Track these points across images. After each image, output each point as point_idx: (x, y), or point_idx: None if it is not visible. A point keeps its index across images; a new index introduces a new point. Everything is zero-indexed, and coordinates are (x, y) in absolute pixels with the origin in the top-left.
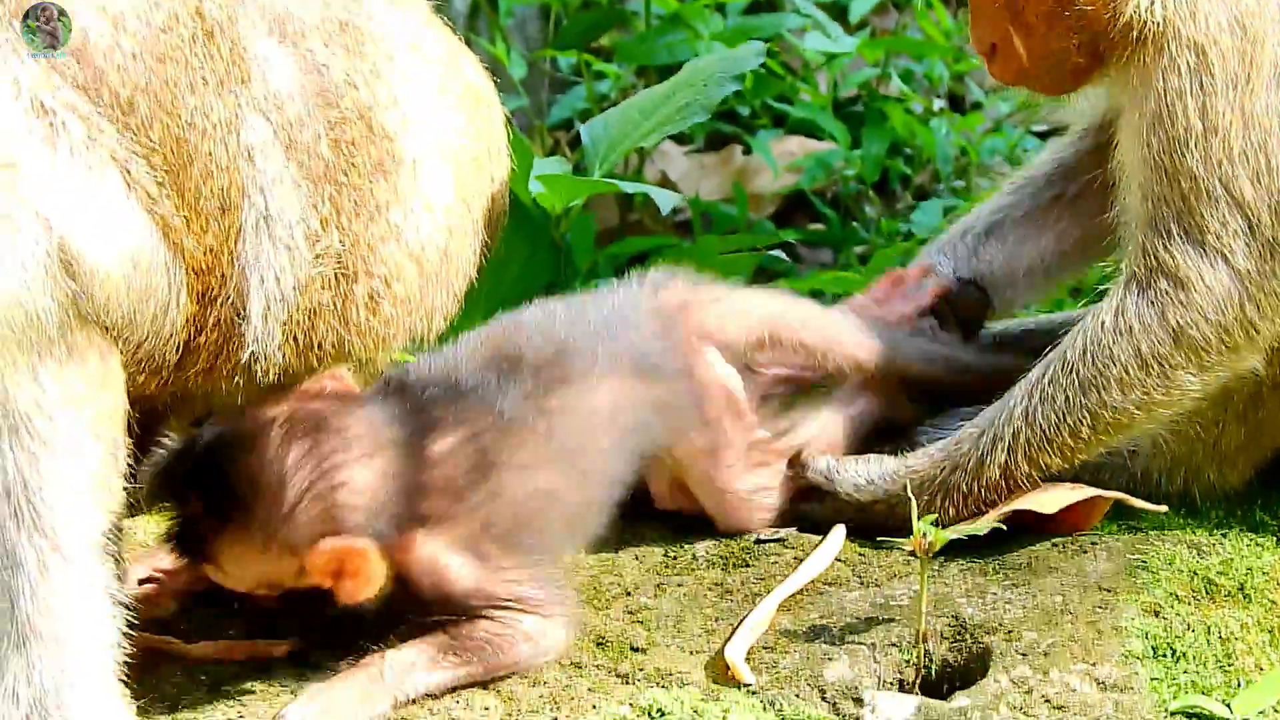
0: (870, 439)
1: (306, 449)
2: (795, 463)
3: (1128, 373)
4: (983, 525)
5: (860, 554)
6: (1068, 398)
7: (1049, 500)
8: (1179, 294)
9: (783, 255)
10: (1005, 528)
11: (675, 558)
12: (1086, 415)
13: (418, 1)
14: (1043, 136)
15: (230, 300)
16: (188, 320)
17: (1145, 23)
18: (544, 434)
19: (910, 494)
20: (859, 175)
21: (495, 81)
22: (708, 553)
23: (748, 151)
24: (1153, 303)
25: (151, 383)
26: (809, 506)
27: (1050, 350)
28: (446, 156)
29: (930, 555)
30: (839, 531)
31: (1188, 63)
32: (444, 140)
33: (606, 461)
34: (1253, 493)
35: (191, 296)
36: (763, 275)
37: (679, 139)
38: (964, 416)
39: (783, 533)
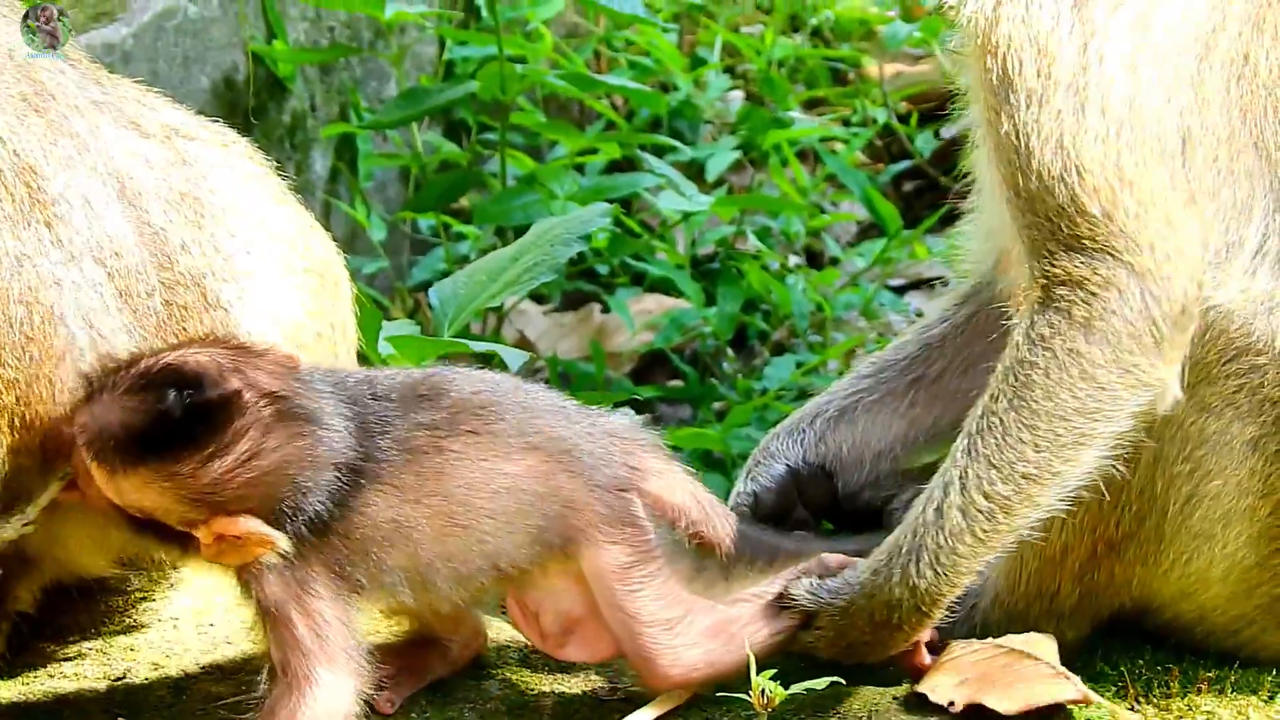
0: None
1: (285, 437)
2: (783, 598)
3: (1050, 375)
4: (822, 681)
5: (704, 711)
6: (1001, 420)
7: (1015, 697)
8: (1078, 293)
9: (632, 412)
10: (844, 681)
11: (521, 714)
12: (1026, 431)
13: (271, 181)
14: (899, 291)
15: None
16: (12, 450)
17: (967, 23)
18: (430, 471)
19: (883, 577)
20: (715, 332)
21: (355, 245)
22: (555, 707)
23: (606, 310)
24: (1058, 309)
25: None
26: (813, 636)
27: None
28: (287, 332)
29: (770, 711)
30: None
31: (997, 75)
32: (284, 315)
33: (494, 530)
34: (1093, 643)
35: (7, 428)
36: None
37: (537, 298)
38: None
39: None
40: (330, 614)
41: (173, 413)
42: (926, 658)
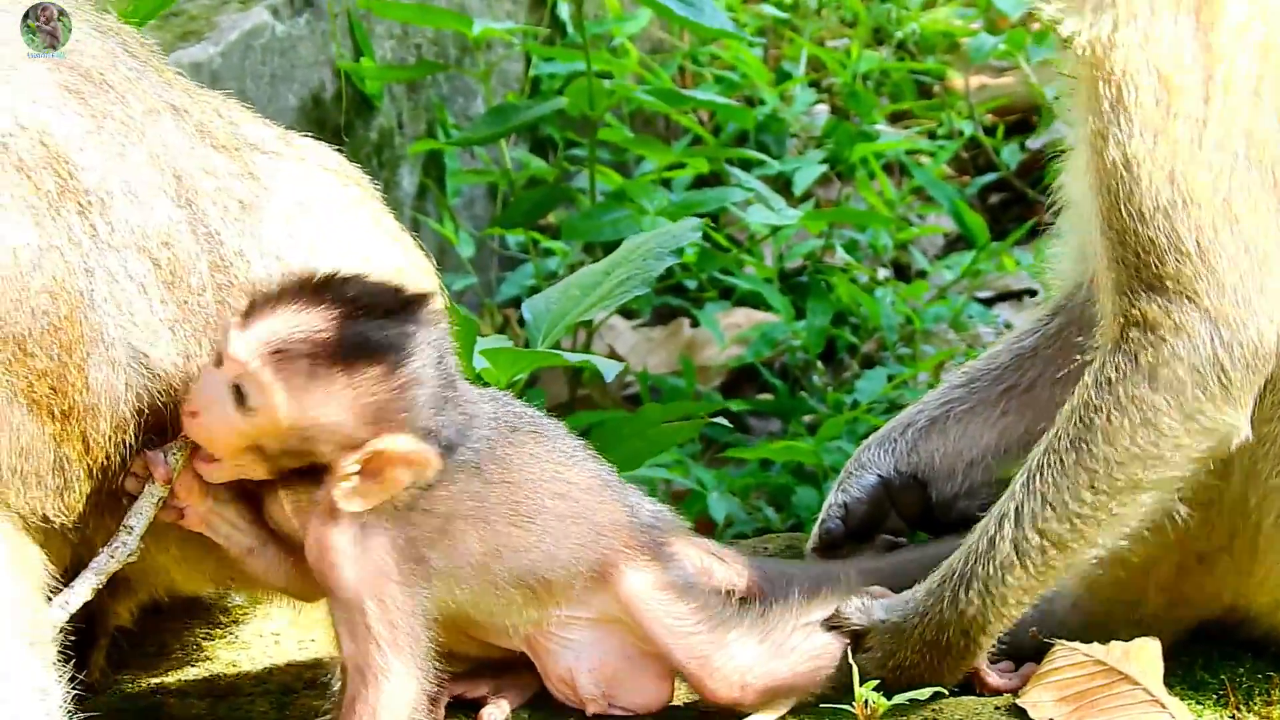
0: None
1: (430, 390)
2: (835, 619)
3: (1110, 420)
4: (925, 691)
5: None
6: (1061, 460)
7: None
8: (1149, 337)
9: (726, 423)
10: (946, 692)
11: None
12: (1083, 473)
13: (343, 189)
14: (987, 303)
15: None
16: (55, 438)
17: (1080, 48)
18: (506, 460)
19: (934, 598)
20: (804, 346)
21: (443, 261)
22: (656, 718)
23: (695, 324)
24: (1126, 352)
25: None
26: (861, 658)
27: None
28: None
29: None
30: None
31: (1110, 102)
32: None
33: (550, 529)
34: (1193, 651)
35: (47, 416)
36: (710, 446)
37: (627, 313)
38: None
39: None
40: (404, 603)
41: (371, 315)
42: (996, 680)
